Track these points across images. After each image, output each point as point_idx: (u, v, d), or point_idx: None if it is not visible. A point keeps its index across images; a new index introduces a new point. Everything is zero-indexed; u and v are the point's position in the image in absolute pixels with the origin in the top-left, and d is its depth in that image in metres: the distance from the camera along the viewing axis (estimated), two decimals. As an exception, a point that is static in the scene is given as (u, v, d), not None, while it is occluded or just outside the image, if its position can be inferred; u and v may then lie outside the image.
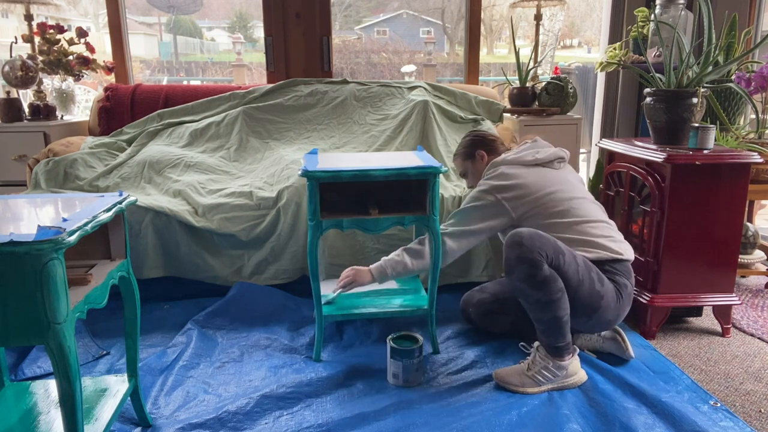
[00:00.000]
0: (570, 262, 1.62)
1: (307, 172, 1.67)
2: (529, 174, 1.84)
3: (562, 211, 1.79)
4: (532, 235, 1.59)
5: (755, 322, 2.18)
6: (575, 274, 1.63)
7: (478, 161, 2.01)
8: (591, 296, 1.66)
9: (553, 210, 1.79)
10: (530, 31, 3.33)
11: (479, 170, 2.01)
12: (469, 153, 2.03)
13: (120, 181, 2.49)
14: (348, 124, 2.89)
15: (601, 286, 1.68)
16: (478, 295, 2.00)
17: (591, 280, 1.66)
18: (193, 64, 6.98)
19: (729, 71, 2.42)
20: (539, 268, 1.56)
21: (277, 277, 2.27)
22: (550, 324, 1.61)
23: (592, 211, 1.83)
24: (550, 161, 1.90)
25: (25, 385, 1.43)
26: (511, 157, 1.91)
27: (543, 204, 1.80)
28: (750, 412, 1.61)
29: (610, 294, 1.70)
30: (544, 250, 1.58)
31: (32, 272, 0.99)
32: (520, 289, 1.61)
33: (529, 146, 1.95)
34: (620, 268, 1.75)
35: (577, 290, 1.63)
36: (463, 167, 2.07)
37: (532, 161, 1.88)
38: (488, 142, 2.04)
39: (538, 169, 1.87)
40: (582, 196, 1.85)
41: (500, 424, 1.50)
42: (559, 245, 1.63)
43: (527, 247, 1.57)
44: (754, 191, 2.37)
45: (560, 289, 1.59)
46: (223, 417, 1.50)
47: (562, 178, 1.87)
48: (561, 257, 1.61)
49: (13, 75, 2.75)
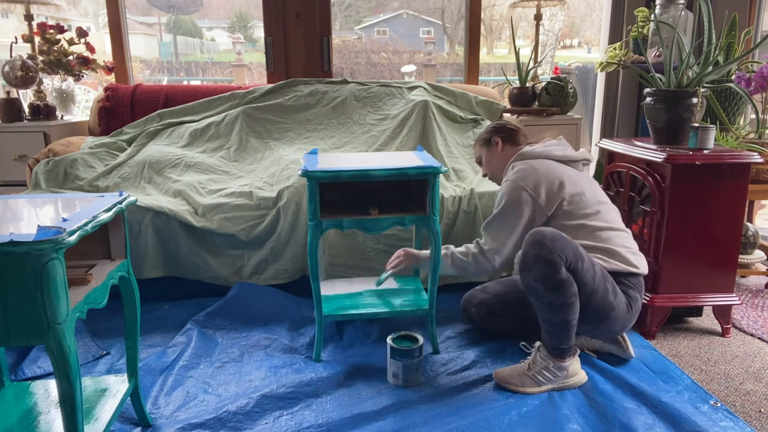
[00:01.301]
0: (588, 269, 1.59)
1: (307, 172, 1.67)
2: (560, 167, 1.80)
3: (591, 213, 1.75)
4: (554, 236, 1.56)
5: (755, 322, 2.18)
6: (591, 282, 1.60)
7: (493, 147, 1.96)
8: (603, 306, 1.64)
9: (583, 211, 1.74)
10: (530, 31, 3.34)
11: (494, 157, 1.95)
12: (486, 139, 1.98)
13: (120, 181, 2.49)
14: (348, 124, 2.89)
15: (614, 298, 1.66)
16: (480, 295, 1.99)
17: (605, 290, 1.63)
18: (193, 64, 6.98)
19: (729, 71, 2.42)
20: (557, 270, 1.53)
21: (277, 277, 2.27)
22: (558, 326, 1.60)
23: (615, 219, 1.80)
24: (577, 161, 1.86)
25: (25, 385, 1.43)
26: (539, 150, 1.85)
27: (575, 202, 1.75)
28: (750, 412, 1.61)
29: (622, 306, 1.68)
30: (564, 252, 1.54)
31: (32, 272, 0.99)
32: (534, 289, 1.58)
33: (557, 142, 1.91)
34: (635, 282, 1.73)
35: (591, 298, 1.61)
36: (479, 153, 2.01)
37: (563, 157, 1.84)
38: (507, 130, 1.97)
39: (566, 166, 1.84)
40: (606, 202, 1.82)
41: (500, 424, 1.50)
42: (579, 250, 1.59)
43: (548, 247, 1.53)
44: (754, 191, 2.37)
45: (574, 293, 1.56)
46: (223, 417, 1.50)
47: (589, 180, 1.84)
48: (580, 262, 1.57)
49: (13, 75, 2.75)
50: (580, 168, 1.88)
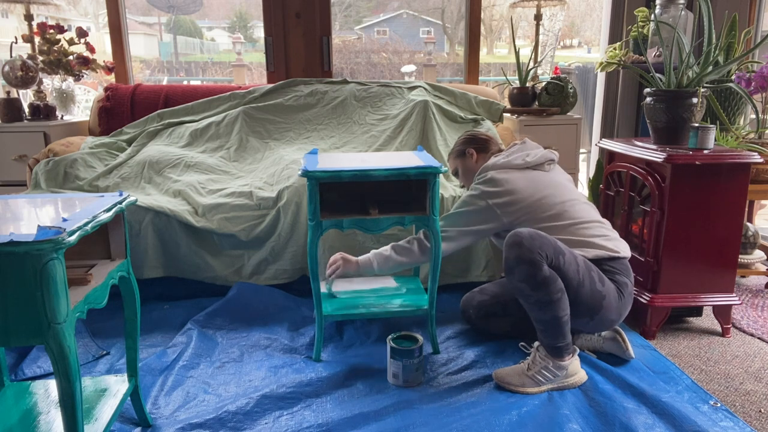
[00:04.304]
0: (570, 262, 1.62)
1: (307, 172, 1.67)
2: (519, 179, 1.83)
3: (555, 214, 1.79)
4: (532, 235, 1.59)
5: (755, 322, 2.18)
6: (575, 275, 1.62)
7: (468, 159, 2.02)
8: (593, 296, 1.66)
9: (545, 214, 1.79)
10: (530, 31, 3.33)
11: (469, 168, 2.01)
12: (460, 151, 2.04)
13: (120, 181, 2.49)
14: (348, 124, 2.89)
15: (602, 286, 1.67)
16: (478, 297, 1.99)
17: (591, 280, 1.66)
18: (193, 64, 6.97)
19: (729, 71, 2.42)
20: (539, 268, 1.56)
21: (277, 277, 2.27)
22: (550, 324, 1.61)
23: (584, 212, 1.82)
24: (540, 164, 1.89)
25: (25, 385, 1.43)
26: (501, 162, 1.89)
27: (535, 209, 1.79)
28: (750, 412, 1.61)
29: (612, 294, 1.69)
30: (544, 250, 1.57)
31: (32, 272, 0.99)
32: (520, 289, 1.61)
33: (518, 148, 1.94)
34: (619, 267, 1.75)
35: (578, 291, 1.63)
36: (454, 165, 2.07)
37: (523, 165, 1.87)
38: (479, 140, 2.04)
39: (528, 172, 1.86)
40: (574, 198, 1.84)
41: (500, 424, 1.50)
42: (559, 245, 1.62)
43: (527, 247, 1.56)
44: (754, 191, 2.37)
45: (560, 289, 1.59)
46: (223, 417, 1.50)
47: (553, 181, 1.86)
48: (561, 257, 1.60)
49: (13, 75, 2.75)
50: (545, 169, 1.90)
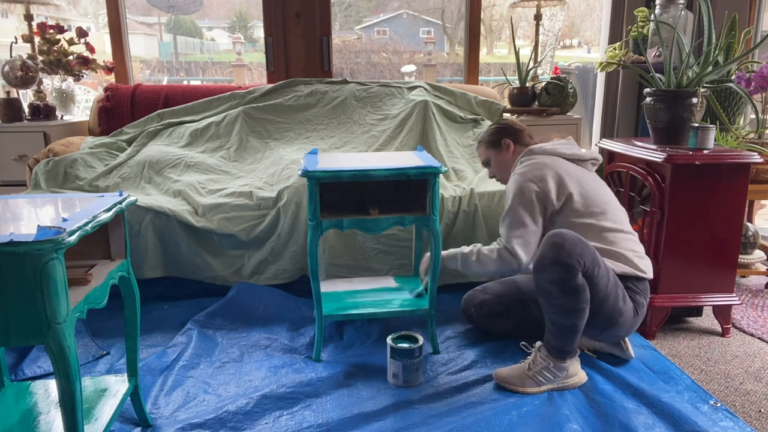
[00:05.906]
0: (603, 276, 1.58)
1: (307, 172, 1.67)
2: (569, 165, 1.79)
3: (600, 213, 1.73)
4: (574, 240, 1.53)
5: (755, 322, 2.18)
6: (604, 288, 1.59)
7: (504, 150, 1.92)
8: (613, 312, 1.63)
9: (590, 209, 1.72)
10: (530, 31, 3.34)
11: (504, 160, 1.93)
12: (495, 141, 1.94)
13: (120, 181, 2.49)
14: (348, 124, 2.89)
15: (623, 304, 1.65)
16: (480, 296, 1.98)
17: (616, 296, 1.63)
18: (193, 64, 6.97)
19: (729, 71, 2.42)
20: (574, 275, 1.52)
21: (277, 277, 2.27)
22: (566, 330, 1.59)
23: (623, 220, 1.78)
24: (585, 160, 1.85)
25: (25, 385, 1.43)
26: (548, 147, 1.83)
27: (583, 200, 1.72)
28: (750, 412, 1.61)
29: (629, 313, 1.67)
30: (583, 258, 1.52)
31: (32, 272, 0.99)
32: (547, 291, 1.56)
33: (565, 142, 1.90)
34: (641, 287, 1.72)
35: (602, 304, 1.60)
36: (486, 155, 1.98)
37: (571, 155, 1.83)
38: (515, 131, 1.93)
39: (575, 164, 1.83)
40: (614, 202, 1.80)
41: (500, 424, 1.50)
42: (596, 256, 1.57)
43: (567, 251, 1.51)
44: (754, 191, 2.37)
45: (586, 300, 1.55)
46: (223, 417, 1.50)
47: (598, 180, 1.83)
48: (596, 268, 1.56)
49: (13, 75, 2.75)
50: (589, 168, 1.87)
